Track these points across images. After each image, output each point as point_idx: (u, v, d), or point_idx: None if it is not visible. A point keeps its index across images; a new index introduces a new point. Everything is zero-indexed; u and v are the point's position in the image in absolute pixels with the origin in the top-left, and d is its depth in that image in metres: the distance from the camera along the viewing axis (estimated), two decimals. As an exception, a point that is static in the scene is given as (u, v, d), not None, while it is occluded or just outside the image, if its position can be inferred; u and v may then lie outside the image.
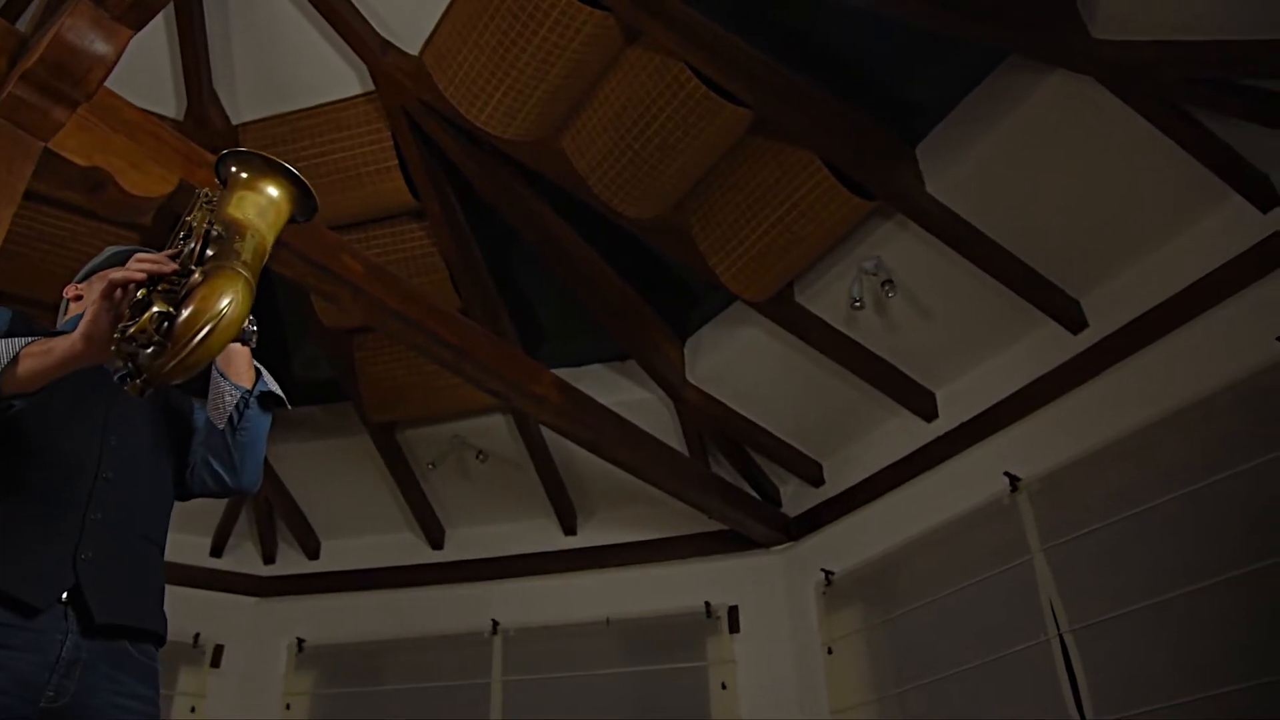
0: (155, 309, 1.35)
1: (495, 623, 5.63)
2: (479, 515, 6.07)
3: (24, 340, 1.48)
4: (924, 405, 4.76)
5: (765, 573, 5.35)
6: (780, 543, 5.37)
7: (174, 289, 1.40)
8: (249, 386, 1.78)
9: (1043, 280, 4.19)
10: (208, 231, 1.44)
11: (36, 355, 1.44)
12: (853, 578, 4.87)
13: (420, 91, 4.28)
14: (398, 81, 4.29)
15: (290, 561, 6.36)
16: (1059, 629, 3.80)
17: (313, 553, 6.33)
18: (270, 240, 1.54)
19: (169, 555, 5.54)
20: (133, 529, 1.69)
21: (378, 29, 4.23)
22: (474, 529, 6.09)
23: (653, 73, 3.99)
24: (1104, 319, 4.09)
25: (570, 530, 5.85)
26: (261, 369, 1.84)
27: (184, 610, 5.85)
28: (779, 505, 5.50)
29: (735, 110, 4.02)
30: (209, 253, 1.43)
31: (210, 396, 1.80)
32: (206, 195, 1.64)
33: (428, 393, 5.52)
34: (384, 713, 5.61)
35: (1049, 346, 4.26)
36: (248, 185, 1.55)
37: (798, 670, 4.98)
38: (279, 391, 1.84)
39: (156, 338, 1.34)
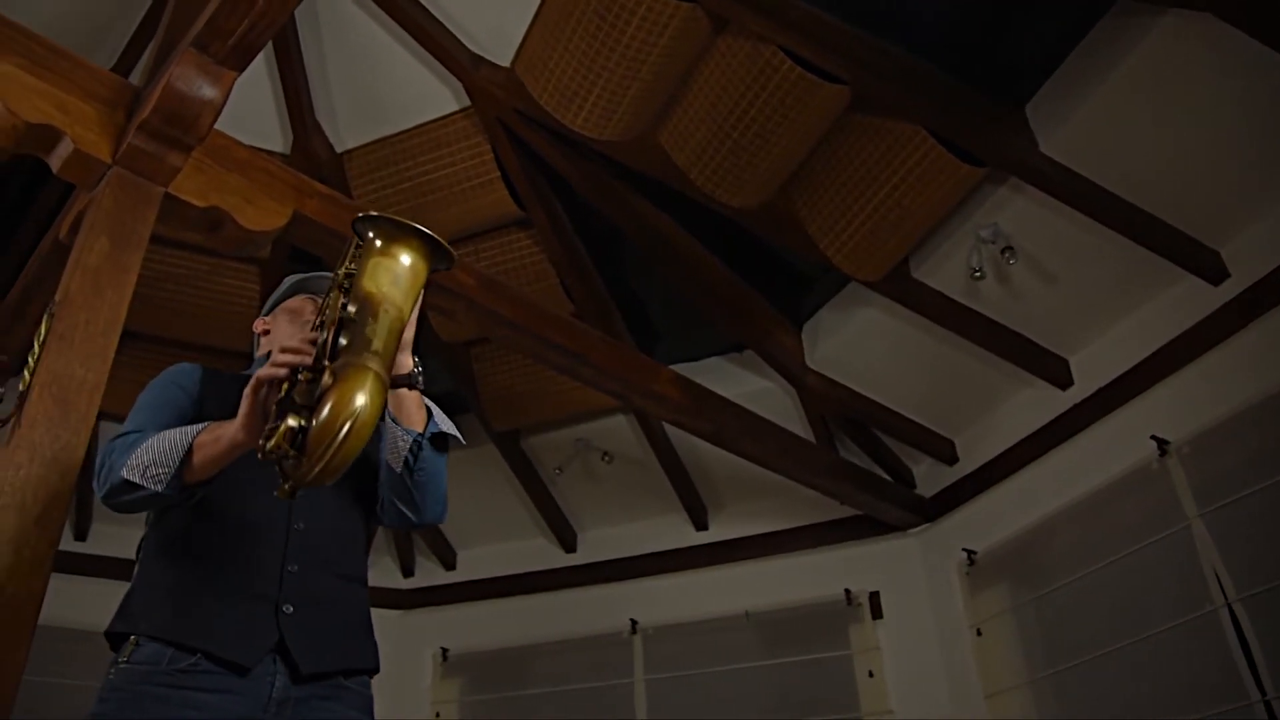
0: (289, 422, 1.39)
1: (634, 622, 5.64)
2: (609, 516, 6.09)
3: (196, 429, 1.58)
4: (1058, 373, 4.57)
5: (904, 556, 5.22)
6: (917, 524, 5.23)
7: (312, 383, 1.43)
8: (420, 430, 1.78)
9: (1176, 232, 3.96)
10: (342, 318, 1.47)
11: (207, 446, 1.56)
12: (996, 556, 4.70)
13: (515, 102, 4.30)
14: (492, 94, 4.32)
15: (429, 573, 6.50)
16: (1226, 598, 3.59)
17: (449, 563, 6.46)
18: (409, 308, 1.55)
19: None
20: (330, 572, 1.76)
21: (467, 44, 4.27)
22: (605, 530, 6.12)
23: (745, 59, 3.92)
24: (1247, 268, 3.83)
25: (701, 525, 5.82)
26: (433, 407, 1.85)
27: None
28: (913, 486, 5.36)
29: (833, 89, 3.92)
30: (342, 341, 1.45)
31: (385, 441, 1.83)
32: (357, 245, 1.68)
33: (548, 398, 5.57)
34: (531, 716, 5.69)
35: (1188, 301, 4.02)
36: (383, 252, 1.55)
37: (946, 654, 4.84)
38: (452, 430, 1.85)
39: (292, 452, 1.38)
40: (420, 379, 1.74)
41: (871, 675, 4.94)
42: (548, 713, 5.64)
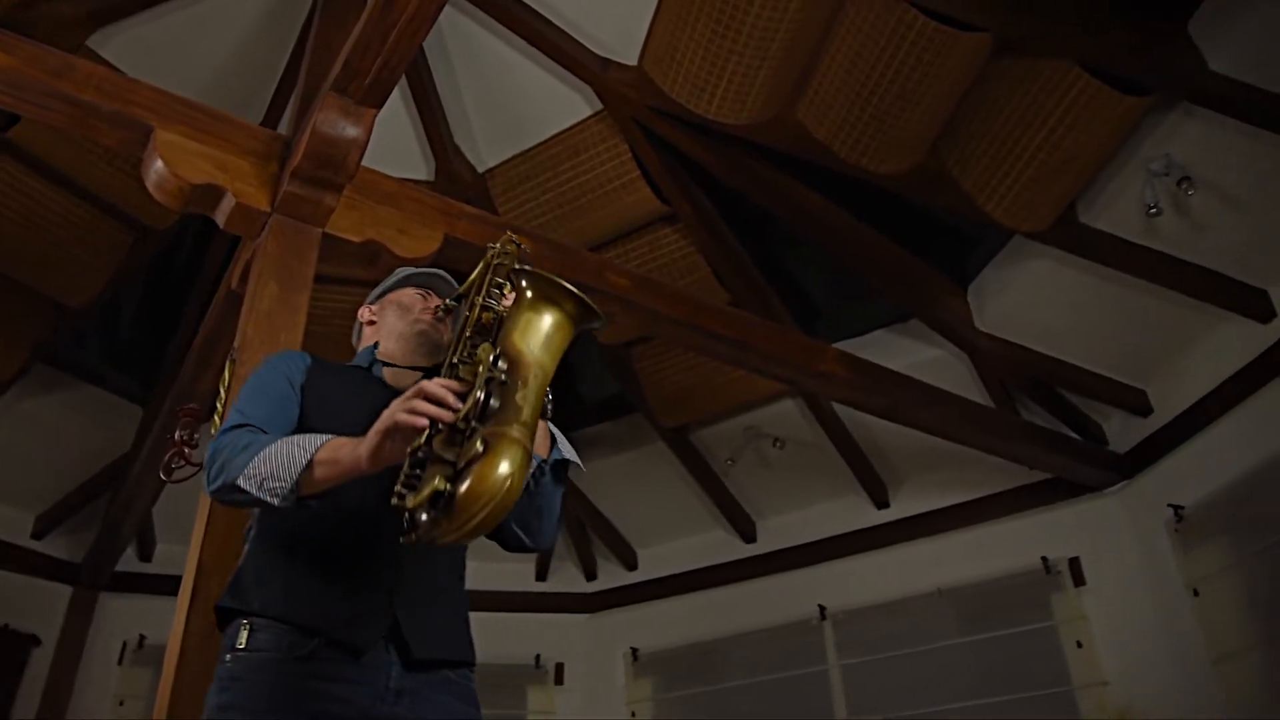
0: (435, 484, 1.37)
1: (822, 608, 5.55)
2: (786, 503, 6.00)
3: (316, 441, 1.54)
4: (1256, 306, 4.21)
5: (1103, 518, 4.92)
6: (1114, 483, 4.92)
7: (454, 439, 1.42)
8: (545, 456, 1.78)
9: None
10: (490, 378, 1.45)
11: (325, 465, 1.52)
12: (1209, 509, 4.37)
13: (647, 99, 4.27)
14: (623, 94, 4.30)
15: (611, 575, 6.56)
16: None
17: (630, 564, 6.50)
18: (552, 370, 1.54)
19: (499, 585, 5.84)
20: (437, 565, 1.76)
21: (593, 49, 4.27)
22: (784, 517, 6.03)
23: (876, 21, 3.78)
24: None
25: (882, 504, 5.67)
26: (557, 435, 1.83)
27: (522, 634, 6.24)
28: (1105, 443, 5.05)
29: (973, 37, 3.73)
30: (493, 403, 1.43)
31: None
32: (495, 255, 1.71)
33: (713, 390, 5.53)
34: (727, 711, 5.66)
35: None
36: (535, 309, 1.56)
37: (1162, 618, 4.53)
38: (574, 458, 1.84)
39: (433, 513, 1.37)
40: (549, 407, 1.72)
41: (1080, 646, 4.69)
42: (743, 706, 5.60)
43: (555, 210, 4.81)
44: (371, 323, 2.09)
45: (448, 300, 1.99)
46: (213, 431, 2.44)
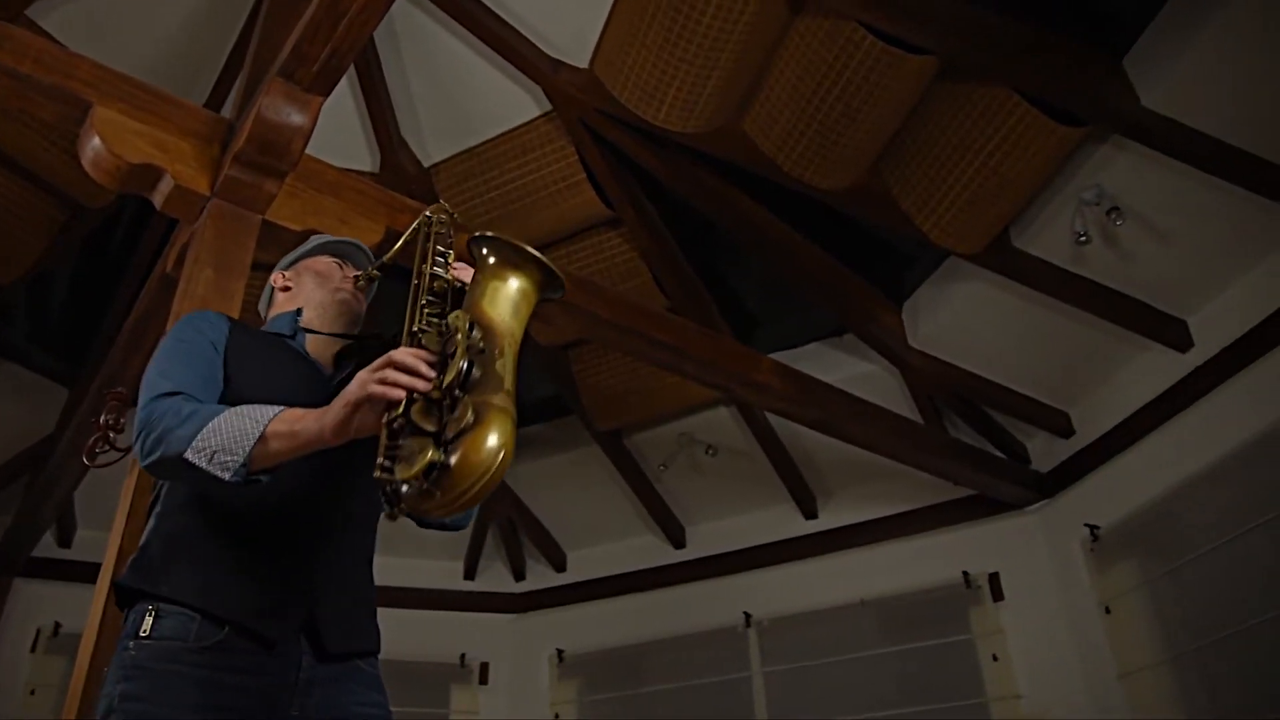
0: (430, 457, 1.32)
1: (748, 615, 5.60)
2: (717, 510, 6.06)
3: (269, 413, 1.47)
4: (1176, 335, 4.36)
5: (1023, 535, 5.06)
6: (1034, 501, 5.06)
7: (432, 410, 1.37)
8: None
9: (1296, 178, 3.75)
10: (470, 345, 1.42)
11: (284, 436, 1.45)
12: (1122, 530, 4.51)
13: (596, 102, 4.29)
14: (573, 96, 4.32)
15: (540, 576, 6.56)
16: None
17: (559, 565, 6.51)
18: (521, 338, 1.52)
19: (427, 582, 5.79)
20: (354, 554, 1.72)
21: (545, 49, 4.28)
22: (714, 524, 6.08)
23: (824, 38, 3.84)
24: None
25: (811, 514, 5.74)
26: None
27: (447, 632, 6.21)
28: (1028, 462, 5.19)
29: (918, 60, 3.81)
30: (475, 373, 1.40)
31: None
32: (432, 221, 1.73)
33: (649, 395, 5.56)
34: (650, 715, 5.68)
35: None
36: (500, 276, 1.54)
37: (1074, 634, 4.67)
38: None
39: (425, 486, 1.32)
40: None
41: (996, 659, 4.80)
42: (666, 710, 5.64)
43: (499, 209, 4.81)
44: (286, 288, 2.00)
45: (371, 270, 1.95)
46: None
